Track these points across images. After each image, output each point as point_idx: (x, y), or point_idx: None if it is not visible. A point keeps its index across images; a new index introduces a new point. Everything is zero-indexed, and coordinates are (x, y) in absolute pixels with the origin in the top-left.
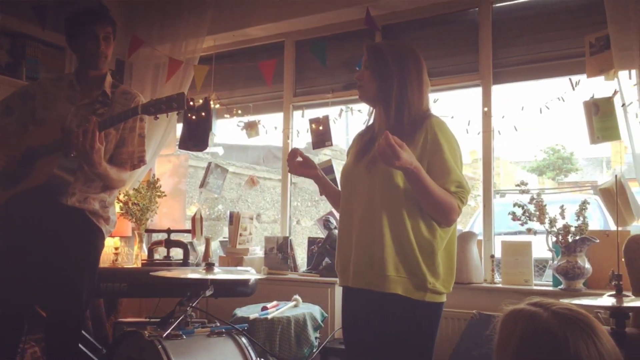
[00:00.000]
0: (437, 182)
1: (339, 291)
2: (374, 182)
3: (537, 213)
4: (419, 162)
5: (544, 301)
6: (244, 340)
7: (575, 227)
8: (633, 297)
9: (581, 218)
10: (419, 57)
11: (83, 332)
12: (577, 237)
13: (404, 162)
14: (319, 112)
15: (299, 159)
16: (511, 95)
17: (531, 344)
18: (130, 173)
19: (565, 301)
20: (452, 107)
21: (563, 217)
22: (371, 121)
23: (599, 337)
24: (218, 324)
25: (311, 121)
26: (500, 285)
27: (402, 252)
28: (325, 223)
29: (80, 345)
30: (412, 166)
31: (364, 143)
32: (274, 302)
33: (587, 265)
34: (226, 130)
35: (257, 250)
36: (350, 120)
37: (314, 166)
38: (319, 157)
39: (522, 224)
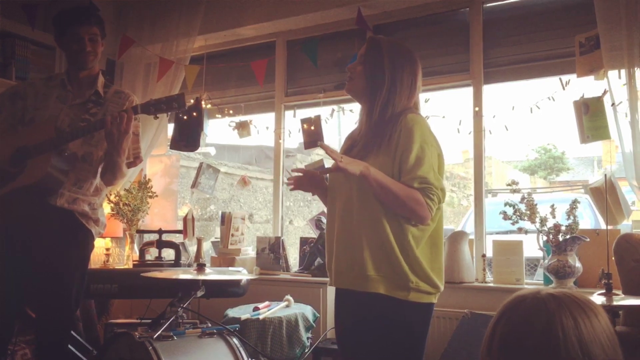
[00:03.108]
0: (403, 177)
1: (330, 291)
2: (351, 183)
3: (528, 212)
4: (389, 161)
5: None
6: (235, 340)
7: (566, 226)
8: (623, 295)
9: (571, 217)
10: (416, 63)
11: (73, 333)
12: (568, 236)
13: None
14: (310, 112)
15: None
16: (502, 95)
17: (507, 311)
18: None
19: None
20: (443, 106)
21: (554, 217)
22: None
23: (588, 317)
24: (209, 325)
25: (303, 121)
26: (491, 284)
27: (381, 251)
28: (318, 223)
29: (70, 346)
30: (359, 170)
31: (351, 143)
32: (266, 303)
33: (578, 264)
34: (218, 130)
35: (249, 251)
36: (342, 120)
37: (319, 181)
38: (311, 157)
39: (513, 224)
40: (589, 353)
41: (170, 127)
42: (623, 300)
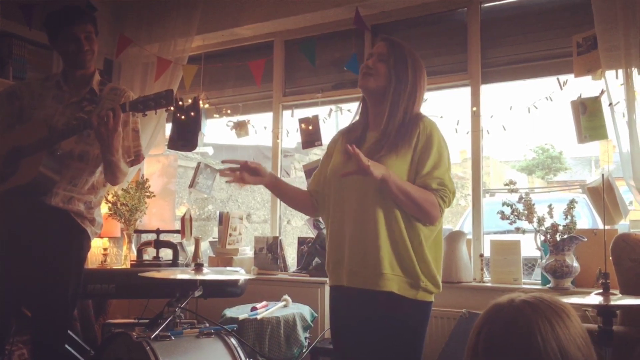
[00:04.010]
0: (421, 178)
1: (328, 291)
2: (367, 181)
3: (526, 212)
4: (406, 163)
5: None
6: (233, 340)
7: (564, 226)
8: (620, 295)
9: (569, 217)
10: (424, 68)
11: (70, 333)
12: (565, 236)
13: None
14: (308, 112)
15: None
16: (500, 95)
17: (487, 323)
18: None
19: None
20: (441, 106)
21: (551, 216)
22: (357, 117)
23: (562, 319)
24: (207, 325)
25: (301, 121)
26: (489, 284)
27: (396, 250)
28: (316, 223)
29: (67, 346)
30: (381, 174)
31: (354, 140)
32: (264, 303)
33: (575, 264)
34: (216, 130)
35: (247, 251)
36: (340, 119)
37: (263, 172)
38: (309, 156)
39: (511, 223)
40: (568, 355)
41: (168, 127)
42: (620, 300)
